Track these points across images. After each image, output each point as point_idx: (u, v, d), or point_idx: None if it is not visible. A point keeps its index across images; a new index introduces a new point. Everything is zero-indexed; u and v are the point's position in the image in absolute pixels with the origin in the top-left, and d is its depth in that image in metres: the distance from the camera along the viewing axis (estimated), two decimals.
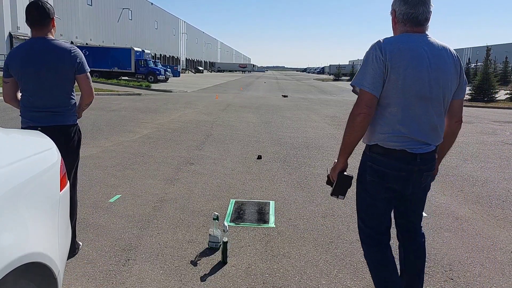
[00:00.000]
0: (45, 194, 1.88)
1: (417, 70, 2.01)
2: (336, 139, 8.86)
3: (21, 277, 1.52)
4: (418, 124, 2.06)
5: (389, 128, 2.07)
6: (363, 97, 2.03)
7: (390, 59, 1.98)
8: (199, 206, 4.28)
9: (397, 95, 2.03)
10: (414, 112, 2.05)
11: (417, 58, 2.01)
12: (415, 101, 2.04)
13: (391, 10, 2.16)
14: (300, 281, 2.84)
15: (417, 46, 2.03)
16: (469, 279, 2.93)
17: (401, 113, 2.04)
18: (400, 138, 2.06)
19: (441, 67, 2.06)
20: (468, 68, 49.45)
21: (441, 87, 2.07)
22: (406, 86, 2.01)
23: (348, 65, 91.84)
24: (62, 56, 2.91)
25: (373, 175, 2.18)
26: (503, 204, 4.65)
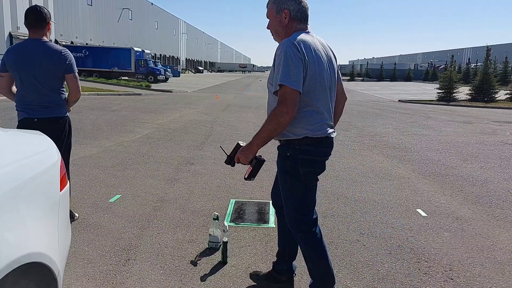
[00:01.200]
0: (45, 194, 1.88)
1: (321, 63, 2.23)
2: (336, 139, 8.84)
3: (21, 277, 1.52)
4: (329, 111, 2.33)
5: (314, 119, 2.23)
6: (290, 95, 2.10)
7: (306, 56, 2.14)
8: (199, 206, 4.28)
9: (315, 88, 2.20)
10: (326, 100, 2.29)
11: (318, 52, 2.23)
12: (325, 91, 2.27)
13: (281, 10, 2.26)
14: (300, 281, 2.84)
15: (314, 41, 2.24)
16: (469, 279, 2.93)
17: (320, 103, 2.25)
18: (323, 126, 2.27)
19: (331, 59, 2.35)
20: (468, 68, 49.45)
21: (334, 76, 2.37)
22: (319, 78, 2.20)
23: (348, 65, 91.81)
24: (53, 56, 3.25)
25: (306, 166, 2.28)
26: (503, 204, 4.65)
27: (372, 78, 60.66)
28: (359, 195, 4.81)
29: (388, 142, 8.71)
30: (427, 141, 8.89)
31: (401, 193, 4.96)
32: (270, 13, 2.32)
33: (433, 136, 9.75)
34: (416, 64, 78.42)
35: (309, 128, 2.22)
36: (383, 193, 4.94)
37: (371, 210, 4.33)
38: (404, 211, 4.32)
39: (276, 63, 2.15)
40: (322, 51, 2.27)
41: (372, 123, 11.93)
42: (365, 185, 5.27)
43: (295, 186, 2.34)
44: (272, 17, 2.31)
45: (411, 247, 3.42)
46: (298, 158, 2.26)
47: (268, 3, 2.34)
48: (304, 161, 2.26)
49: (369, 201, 4.60)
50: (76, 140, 7.63)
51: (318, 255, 2.42)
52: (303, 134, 2.22)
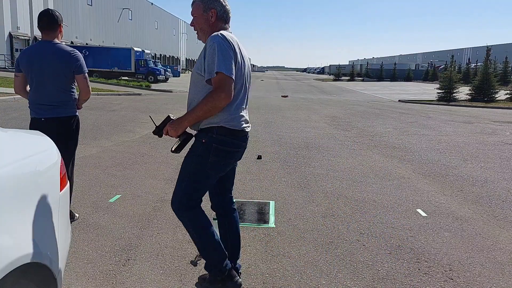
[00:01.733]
0: (45, 194, 1.88)
1: (245, 60, 2.40)
2: (336, 139, 8.86)
3: (21, 277, 1.52)
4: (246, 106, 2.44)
5: (233, 111, 2.33)
6: (227, 82, 2.21)
7: (235, 51, 2.29)
8: None
9: (239, 82, 2.34)
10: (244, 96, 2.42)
11: (242, 50, 2.38)
12: (244, 86, 2.41)
13: (208, 9, 2.38)
14: (300, 281, 2.84)
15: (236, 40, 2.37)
16: (469, 279, 2.93)
17: (239, 97, 2.36)
18: (240, 118, 2.37)
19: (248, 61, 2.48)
20: (468, 68, 49.42)
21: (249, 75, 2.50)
22: (240, 74, 2.34)
23: (348, 65, 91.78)
24: (63, 57, 3.34)
25: (217, 155, 2.36)
26: (503, 204, 4.65)
27: (372, 78, 60.59)
28: (359, 195, 4.82)
29: (388, 142, 8.71)
30: (427, 141, 8.89)
31: (401, 193, 4.97)
32: (196, 11, 2.41)
33: (433, 136, 9.75)
34: (417, 64, 78.42)
35: (227, 119, 2.31)
36: (383, 193, 4.94)
37: (371, 210, 4.33)
38: (404, 211, 4.32)
39: (208, 53, 2.24)
40: (244, 50, 2.43)
41: (372, 123, 11.93)
42: (365, 185, 5.27)
43: (198, 172, 2.40)
44: (199, 15, 2.41)
45: (411, 247, 3.42)
46: (212, 146, 2.34)
47: (193, 1, 2.43)
48: (217, 150, 2.35)
49: (369, 201, 4.60)
50: None
51: (203, 232, 2.46)
52: (221, 124, 2.31)
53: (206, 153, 2.35)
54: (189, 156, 2.43)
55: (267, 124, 11.09)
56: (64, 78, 3.39)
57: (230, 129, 2.34)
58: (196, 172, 2.40)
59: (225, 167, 2.48)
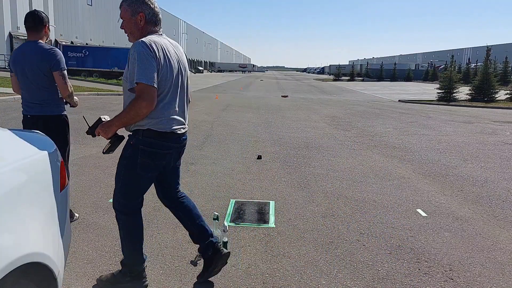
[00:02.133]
0: (45, 194, 1.88)
1: (171, 63, 2.42)
2: (336, 139, 8.86)
3: (21, 277, 1.52)
4: (179, 109, 2.50)
5: (161, 113, 2.40)
6: (147, 91, 2.28)
7: (158, 55, 2.32)
8: (199, 206, 4.25)
9: (165, 86, 2.39)
10: (174, 98, 2.47)
11: (169, 53, 2.42)
12: (175, 89, 2.46)
13: (137, 13, 2.42)
14: (300, 281, 2.84)
15: (165, 43, 2.44)
16: (469, 279, 2.93)
17: (169, 100, 2.43)
18: (170, 121, 2.44)
19: (182, 60, 2.56)
20: (468, 68, 49.41)
21: (185, 76, 2.60)
22: (169, 77, 2.40)
23: (348, 65, 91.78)
24: (40, 55, 3.39)
25: (145, 157, 2.45)
26: (503, 204, 4.65)
27: (372, 78, 60.62)
28: (359, 195, 4.82)
29: (388, 142, 8.71)
30: (427, 141, 8.90)
31: (401, 193, 4.96)
32: (125, 14, 2.44)
33: (433, 136, 9.75)
34: (417, 64, 78.40)
35: (153, 122, 2.39)
36: (383, 193, 4.94)
37: (371, 210, 4.33)
38: (404, 211, 4.32)
39: (131, 62, 2.30)
40: (173, 52, 2.48)
41: (372, 123, 11.93)
42: (365, 185, 5.27)
43: (129, 173, 2.50)
44: (127, 19, 2.44)
45: (411, 247, 3.42)
46: (139, 148, 2.43)
47: (121, 5, 2.46)
48: (144, 152, 2.43)
49: (369, 201, 4.60)
50: (76, 140, 7.62)
51: (132, 237, 2.60)
52: (146, 126, 2.39)
53: (134, 155, 2.46)
54: (120, 158, 2.55)
55: (267, 124, 11.09)
56: (44, 76, 3.41)
57: (158, 131, 2.41)
58: (127, 173, 2.50)
59: (155, 168, 2.53)
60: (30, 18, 3.44)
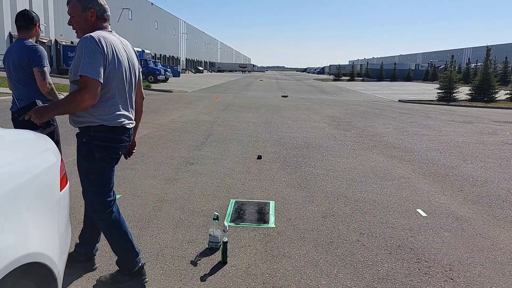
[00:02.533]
0: (45, 194, 1.88)
1: (120, 59, 2.46)
2: (336, 139, 8.86)
3: (21, 277, 1.52)
4: (126, 104, 2.56)
5: (110, 109, 2.45)
6: (91, 84, 2.28)
7: (106, 51, 2.35)
8: (199, 206, 4.28)
9: (112, 81, 2.42)
10: (123, 94, 2.53)
11: (117, 49, 2.45)
12: (123, 85, 2.50)
13: (87, 9, 2.46)
14: (300, 281, 2.84)
15: (114, 39, 2.48)
16: (469, 279, 2.93)
17: (117, 96, 2.48)
18: (118, 116, 2.49)
19: (132, 58, 2.62)
20: (468, 68, 49.41)
21: (135, 74, 2.64)
22: (117, 73, 2.43)
23: (348, 65, 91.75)
24: (22, 52, 3.42)
25: (101, 151, 2.49)
26: (503, 204, 4.65)
27: (372, 78, 60.59)
28: (359, 195, 4.81)
29: (388, 142, 8.71)
30: (427, 141, 8.89)
31: (401, 193, 4.96)
32: (74, 10, 2.46)
33: (433, 136, 9.75)
34: (417, 64, 78.40)
35: (104, 118, 2.44)
36: (383, 193, 4.94)
37: (371, 210, 4.33)
38: (404, 211, 4.32)
39: (77, 55, 2.32)
40: (122, 49, 2.52)
41: (372, 123, 11.93)
42: (365, 185, 5.27)
43: (93, 170, 2.52)
44: (77, 15, 2.46)
45: (411, 247, 3.42)
46: (93, 144, 2.47)
47: (70, 1, 2.47)
48: (99, 146, 2.48)
49: (369, 201, 4.60)
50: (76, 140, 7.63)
51: (117, 233, 2.62)
52: (98, 122, 2.43)
53: (90, 151, 2.48)
54: (78, 159, 2.54)
55: (267, 124, 11.08)
56: (25, 72, 3.45)
57: (108, 126, 2.46)
58: (91, 171, 2.53)
59: (114, 160, 2.60)
60: (21, 17, 3.51)
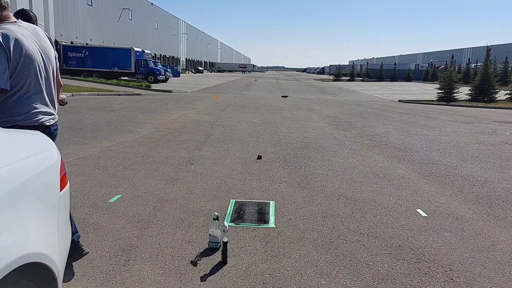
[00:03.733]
0: (45, 194, 1.88)
1: (31, 53, 2.31)
2: (336, 139, 8.86)
3: (21, 277, 1.52)
4: (44, 100, 2.46)
5: (23, 109, 2.35)
6: None
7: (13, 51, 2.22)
8: (199, 206, 4.28)
9: (27, 78, 2.31)
10: (39, 89, 2.43)
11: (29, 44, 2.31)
12: (37, 80, 2.38)
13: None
14: (300, 281, 2.84)
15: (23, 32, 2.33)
16: (469, 279, 2.93)
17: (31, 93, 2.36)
18: (35, 114, 2.40)
19: (44, 46, 2.46)
20: (468, 68, 49.43)
21: (49, 63, 2.51)
22: (28, 69, 2.30)
23: (348, 65, 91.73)
24: None
25: None
26: (503, 204, 4.65)
27: (372, 78, 60.61)
28: (359, 195, 4.82)
29: (388, 142, 8.71)
30: (427, 141, 8.90)
31: (401, 193, 4.96)
32: None
33: (433, 136, 9.75)
34: (417, 64, 78.40)
35: (17, 118, 2.33)
36: (383, 193, 4.94)
37: (371, 210, 4.33)
38: (404, 211, 4.32)
39: None
40: (32, 41, 2.35)
41: (372, 123, 11.93)
42: (365, 185, 5.27)
43: None
44: None
45: (411, 247, 3.42)
46: None
47: None
48: None
49: (369, 201, 4.60)
50: (76, 140, 7.63)
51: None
52: (11, 123, 2.32)
53: None
54: None
55: (267, 124, 11.08)
56: None
57: (24, 126, 2.34)
58: None
59: None
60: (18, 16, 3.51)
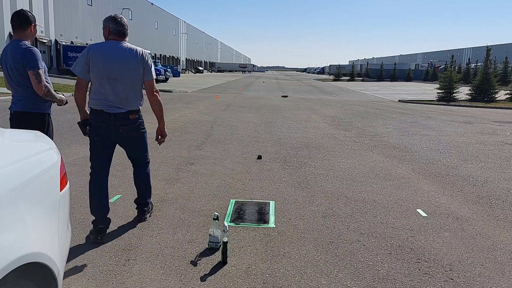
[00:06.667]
0: (45, 194, 1.88)
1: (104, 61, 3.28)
2: (336, 139, 8.86)
3: (21, 277, 1.52)
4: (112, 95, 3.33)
5: (95, 97, 3.36)
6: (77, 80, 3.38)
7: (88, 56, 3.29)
8: (199, 206, 4.28)
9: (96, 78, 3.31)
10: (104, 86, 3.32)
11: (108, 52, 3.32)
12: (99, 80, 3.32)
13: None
14: (300, 281, 2.84)
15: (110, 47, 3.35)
16: (469, 279, 2.93)
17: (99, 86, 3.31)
18: (99, 101, 3.36)
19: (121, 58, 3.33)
20: (468, 68, 49.42)
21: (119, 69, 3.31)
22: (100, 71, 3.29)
23: (348, 65, 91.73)
24: (16, 55, 3.45)
25: (90, 127, 3.47)
26: (503, 204, 4.65)
27: (372, 78, 60.62)
28: (359, 195, 4.81)
29: (388, 142, 8.71)
30: (427, 141, 8.89)
31: (401, 193, 4.96)
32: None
33: (433, 136, 9.75)
34: (417, 64, 78.40)
35: (91, 103, 3.39)
36: (383, 193, 4.94)
37: (371, 210, 4.33)
38: (404, 211, 4.32)
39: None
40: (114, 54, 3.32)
41: (372, 123, 11.93)
42: (365, 185, 5.27)
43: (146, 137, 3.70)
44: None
45: (411, 247, 3.42)
46: (89, 121, 3.46)
47: None
48: (90, 123, 3.45)
49: (369, 201, 4.60)
50: (76, 140, 7.63)
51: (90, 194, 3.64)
52: (88, 106, 3.44)
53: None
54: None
55: (267, 124, 11.08)
56: (20, 75, 3.46)
57: (92, 109, 3.40)
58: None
59: (95, 135, 3.46)
60: (16, 17, 3.52)
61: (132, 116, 3.43)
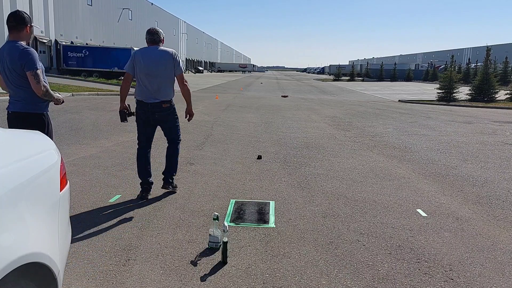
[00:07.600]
0: (45, 194, 1.88)
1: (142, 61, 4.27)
2: (336, 139, 8.86)
3: (21, 277, 1.52)
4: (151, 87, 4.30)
5: (138, 90, 4.34)
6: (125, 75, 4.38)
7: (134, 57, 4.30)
8: (199, 206, 4.28)
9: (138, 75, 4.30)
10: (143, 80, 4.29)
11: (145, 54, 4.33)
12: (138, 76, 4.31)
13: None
14: (300, 281, 2.84)
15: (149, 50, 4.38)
16: (469, 279, 2.93)
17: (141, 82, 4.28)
18: (140, 93, 4.34)
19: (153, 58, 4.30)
20: (468, 68, 49.42)
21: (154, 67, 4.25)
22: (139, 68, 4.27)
23: (348, 65, 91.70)
24: (14, 56, 3.44)
25: (136, 114, 4.41)
26: (503, 204, 4.65)
27: (372, 78, 60.62)
28: (359, 195, 4.82)
29: (388, 142, 8.71)
30: (427, 141, 8.89)
31: (401, 193, 4.96)
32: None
33: (433, 136, 9.75)
34: (417, 64, 78.39)
35: (135, 95, 4.34)
36: (383, 193, 4.94)
37: (371, 210, 4.33)
38: (404, 211, 4.32)
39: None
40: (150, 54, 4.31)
41: (372, 123, 11.93)
42: (365, 185, 5.27)
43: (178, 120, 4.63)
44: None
45: (411, 247, 3.42)
46: (136, 109, 4.39)
47: None
48: (136, 110, 4.39)
49: (369, 201, 4.60)
50: (76, 140, 7.63)
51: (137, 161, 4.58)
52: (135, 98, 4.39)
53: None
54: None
55: (267, 124, 11.08)
56: (18, 76, 3.46)
57: (136, 99, 4.35)
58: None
59: (139, 119, 4.43)
60: (12, 17, 3.51)
61: (164, 105, 4.33)
